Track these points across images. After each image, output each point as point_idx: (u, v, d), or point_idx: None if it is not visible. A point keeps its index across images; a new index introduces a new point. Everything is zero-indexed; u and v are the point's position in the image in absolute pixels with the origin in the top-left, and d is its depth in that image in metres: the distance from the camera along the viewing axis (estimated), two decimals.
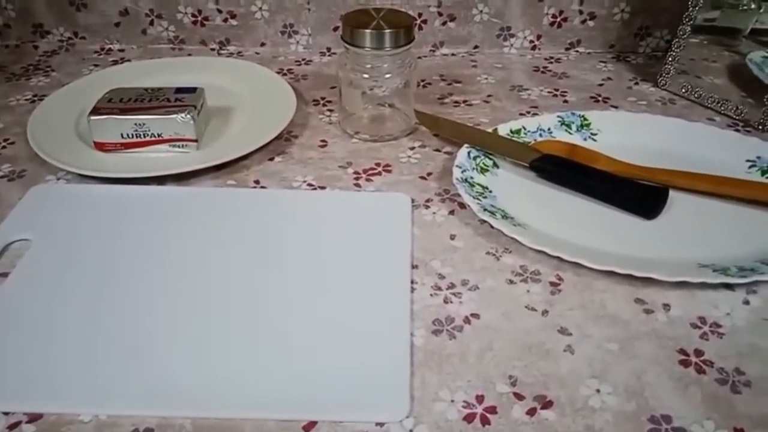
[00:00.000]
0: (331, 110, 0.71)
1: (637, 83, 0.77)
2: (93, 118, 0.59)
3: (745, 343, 0.43)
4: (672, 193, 0.54)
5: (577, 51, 0.84)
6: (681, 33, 0.72)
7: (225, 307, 0.45)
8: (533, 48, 0.84)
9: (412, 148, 0.64)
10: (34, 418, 0.38)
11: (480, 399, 0.39)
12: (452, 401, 0.39)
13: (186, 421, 0.38)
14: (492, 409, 0.39)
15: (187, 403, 0.39)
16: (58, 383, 0.40)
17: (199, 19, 0.82)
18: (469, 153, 0.59)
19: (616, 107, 0.71)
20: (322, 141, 0.65)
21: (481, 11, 0.81)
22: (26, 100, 0.72)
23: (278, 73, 0.75)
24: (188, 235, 0.52)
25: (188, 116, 0.59)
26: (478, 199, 0.54)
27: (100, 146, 0.60)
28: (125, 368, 0.41)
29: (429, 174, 0.60)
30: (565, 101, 0.73)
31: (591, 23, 0.82)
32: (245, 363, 0.41)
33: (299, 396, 0.39)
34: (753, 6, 0.70)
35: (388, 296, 0.46)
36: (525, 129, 0.63)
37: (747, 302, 0.46)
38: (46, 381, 0.40)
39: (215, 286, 0.47)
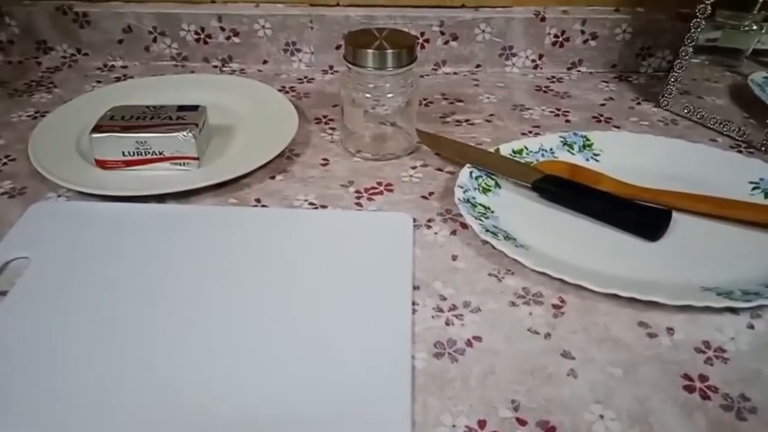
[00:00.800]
0: (333, 128, 0.71)
1: (639, 103, 0.77)
2: (95, 135, 0.58)
3: (750, 369, 0.43)
4: (675, 215, 0.54)
5: (578, 71, 0.84)
6: (683, 53, 0.72)
7: (222, 327, 0.45)
8: (535, 67, 0.84)
9: (414, 168, 0.64)
10: None
11: (482, 424, 0.39)
12: (454, 426, 0.39)
13: None
14: None
15: (185, 424, 0.38)
16: (55, 406, 0.39)
17: (202, 36, 0.83)
18: (471, 173, 0.59)
19: (618, 127, 0.71)
20: (324, 159, 0.65)
21: (484, 30, 0.81)
22: (28, 116, 0.72)
23: (280, 91, 0.75)
24: (189, 253, 0.51)
25: (190, 134, 0.59)
26: (480, 219, 0.53)
27: (102, 164, 0.60)
28: (124, 390, 0.40)
29: (431, 194, 0.60)
30: (567, 121, 0.73)
31: (593, 43, 0.82)
32: (243, 385, 0.41)
33: (298, 419, 0.39)
34: (755, 27, 0.70)
35: (389, 318, 0.46)
36: (527, 149, 0.63)
37: (751, 326, 0.46)
38: (42, 404, 0.39)
39: (215, 306, 0.47)
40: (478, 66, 0.84)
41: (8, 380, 0.41)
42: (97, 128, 0.59)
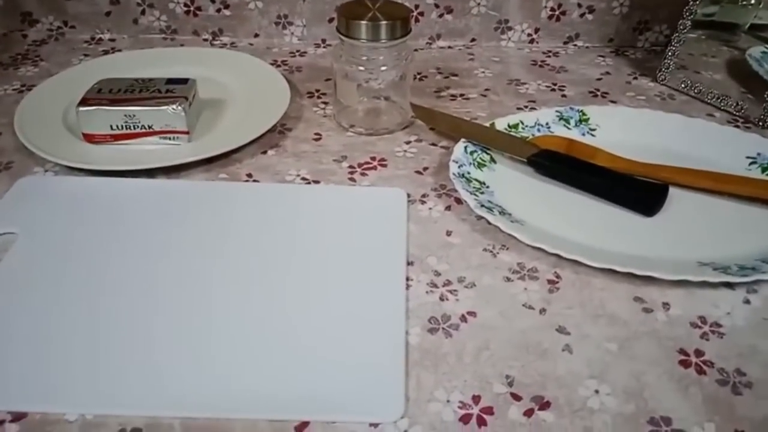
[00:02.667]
0: (325, 103, 0.69)
1: (636, 78, 0.76)
2: (81, 108, 0.57)
3: (745, 344, 0.42)
4: (672, 190, 0.54)
5: (575, 45, 0.83)
6: (681, 27, 0.71)
7: (213, 304, 0.44)
8: (531, 42, 0.83)
9: (408, 142, 0.63)
10: (18, 417, 0.37)
11: (476, 399, 0.38)
12: (448, 401, 0.38)
13: (175, 421, 0.37)
14: (488, 410, 0.38)
15: (175, 402, 0.38)
16: (43, 381, 0.39)
17: (192, 8, 0.81)
18: (465, 148, 0.58)
19: (614, 102, 0.70)
20: (317, 134, 0.64)
21: (479, 4, 0.80)
22: (14, 90, 0.71)
23: (272, 64, 0.74)
24: (178, 228, 0.51)
25: (179, 108, 0.57)
26: (475, 194, 0.53)
27: (89, 138, 0.58)
28: (112, 366, 0.40)
29: (425, 169, 0.59)
30: (564, 96, 0.72)
31: (590, 17, 0.81)
32: (236, 362, 0.40)
33: (291, 395, 0.38)
34: (752, 1, 0.69)
35: (382, 293, 0.45)
36: (523, 124, 0.62)
37: (747, 301, 0.45)
38: (30, 379, 0.39)
39: (204, 283, 0.46)
40: (473, 40, 0.83)
41: None
42: (84, 101, 0.58)
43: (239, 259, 0.48)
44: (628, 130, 0.62)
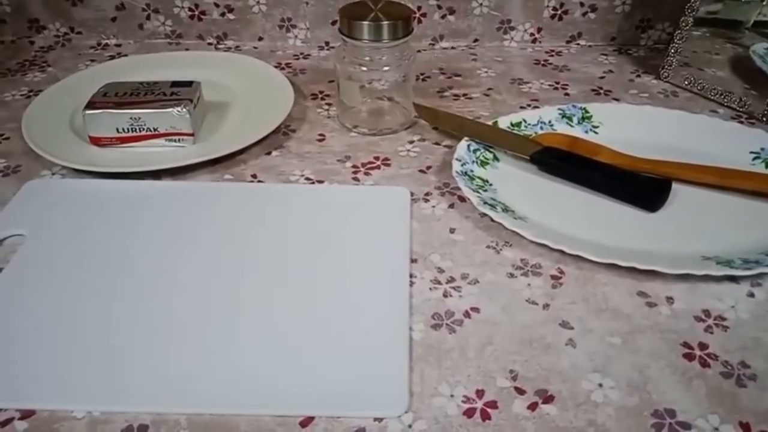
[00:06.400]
0: (329, 104, 0.70)
1: (639, 76, 0.76)
2: (88, 112, 0.58)
3: (749, 336, 0.42)
4: (675, 185, 0.54)
5: (578, 44, 0.83)
6: (683, 24, 0.71)
7: (220, 301, 0.45)
8: (534, 41, 0.83)
9: (412, 142, 0.63)
10: (26, 414, 0.38)
11: (480, 394, 0.39)
12: (452, 396, 0.38)
13: (181, 417, 0.37)
14: (492, 404, 0.38)
15: (181, 398, 0.38)
16: (51, 379, 0.39)
17: (196, 13, 0.82)
18: (468, 146, 0.58)
19: (617, 100, 0.71)
20: (320, 135, 0.64)
21: (481, 4, 0.80)
22: (21, 95, 0.72)
23: (276, 67, 0.74)
24: (184, 229, 0.51)
25: (184, 110, 0.58)
26: (478, 192, 0.53)
27: (96, 141, 0.59)
28: (119, 364, 0.40)
29: (428, 167, 0.59)
30: (566, 94, 0.72)
31: (592, 16, 0.81)
32: (241, 358, 0.41)
33: (296, 391, 0.38)
34: None
35: (386, 290, 0.45)
36: (525, 122, 0.62)
37: (752, 295, 0.45)
38: (38, 377, 0.39)
39: (210, 281, 0.46)
40: (476, 40, 0.83)
41: (2, 356, 0.41)
42: (90, 105, 0.58)
43: (244, 258, 0.48)
44: (630, 126, 0.62)
